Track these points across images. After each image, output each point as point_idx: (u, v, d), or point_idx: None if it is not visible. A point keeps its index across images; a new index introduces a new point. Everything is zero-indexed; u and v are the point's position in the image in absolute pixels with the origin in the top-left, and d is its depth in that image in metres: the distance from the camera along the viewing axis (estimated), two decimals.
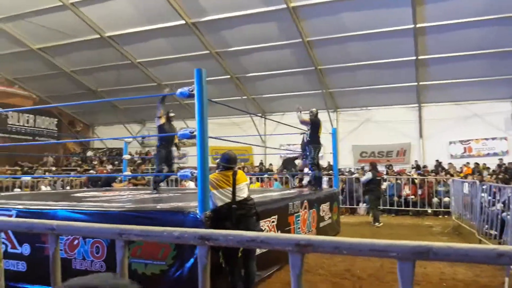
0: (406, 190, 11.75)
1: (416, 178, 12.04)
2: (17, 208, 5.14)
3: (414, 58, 13.22)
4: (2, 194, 8.85)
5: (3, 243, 4.91)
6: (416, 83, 14.57)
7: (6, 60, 16.24)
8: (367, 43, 12.98)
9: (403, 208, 11.58)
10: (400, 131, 15.81)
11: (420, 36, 12.34)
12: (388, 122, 15.79)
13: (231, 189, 4.26)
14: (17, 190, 11.95)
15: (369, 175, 10.32)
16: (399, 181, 12.07)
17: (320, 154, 8.57)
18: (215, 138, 6.83)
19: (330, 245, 1.06)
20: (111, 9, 12.82)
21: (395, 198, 11.70)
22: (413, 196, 11.57)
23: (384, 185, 12.17)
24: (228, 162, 4.45)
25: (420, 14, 11.50)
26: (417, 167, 14.52)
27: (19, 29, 14.45)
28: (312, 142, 8.13)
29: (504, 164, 13.82)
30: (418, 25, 11.81)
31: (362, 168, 13.20)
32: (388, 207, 11.73)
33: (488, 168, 13.80)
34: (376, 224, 9.89)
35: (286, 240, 1.10)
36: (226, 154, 4.53)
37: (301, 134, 8.85)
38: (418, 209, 11.40)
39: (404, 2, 11.09)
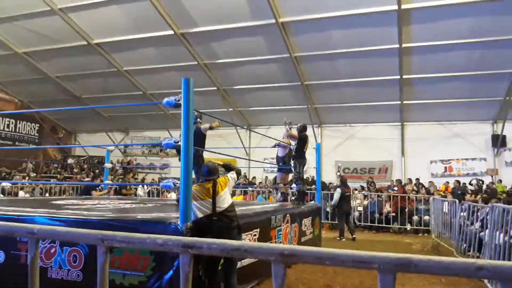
0: (387, 207, 11.85)
1: (397, 196, 12.15)
2: None
3: (398, 77, 13.47)
4: None
5: None
6: (399, 102, 14.83)
7: None
8: (353, 60, 13.19)
9: (384, 225, 11.68)
10: (383, 149, 16.03)
11: (405, 56, 12.59)
12: (371, 139, 16.00)
13: (211, 200, 4.25)
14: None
15: (338, 191, 10.54)
16: (380, 198, 12.19)
17: (304, 169, 8.63)
18: (199, 148, 6.80)
19: (314, 255, 1.06)
20: (100, 16, 12.78)
21: (376, 215, 11.79)
22: (393, 214, 11.69)
23: (366, 202, 12.30)
24: (209, 173, 4.44)
25: (406, 34, 11.75)
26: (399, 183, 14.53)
27: (5, 32, 14.26)
28: (298, 156, 8.19)
29: (481, 181, 14.05)
30: (403, 45, 12.06)
31: (339, 177, 13.18)
32: (369, 224, 11.83)
33: (466, 186, 14.00)
34: (340, 238, 10.13)
35: (270, 250, 1.10)
36: (205, 165, 4.55)
37: (272, 147, 8.85)
38: (399, 226, 11.51)
39: (390, 22, 11.31)
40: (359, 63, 13.23)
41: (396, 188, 12.89)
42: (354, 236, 10.21)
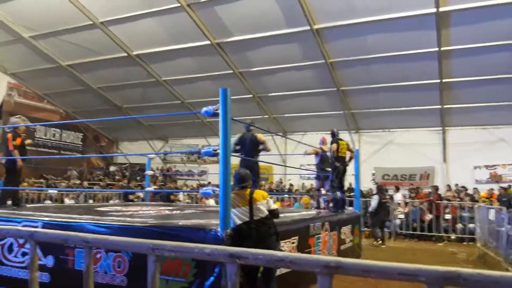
0: (429, 215, 11.51)
1: (435, 202, 11.77)
2: (43, 220, 5.26)
3: (438, 81, 13.10)
4: (28, 205, 9.07)
5: (27, 253, 5.07)
6: (440, 106, 14.39)
7: (36, 75, 16.90)
8: (390, 65, 12.96)
9: (426, 233, 11.35)
10: (424, 154, 15.55)
11: (445, 59, 12.25)
12: (411, 144, 15.57)
13: (248, 208, 4.27)
14: (47, 202, 12.23)
15: (375, 198, 10.62)
16: (421, 206, 11.86)
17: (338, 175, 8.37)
18: (237, 156, 6.90)
19: (359, 268, 1.07)
20: (139, 28, 13.21)
21: (417, 223, 11.48)
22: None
23: (407, 210, 12.02)
24: (241, 181, 4.45)
25: (445, 37, 11.44)
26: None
27: (51, 46, 15.01)
28: (334, 163, 8.06)
29: None
30: (443, 48, 11.74)
31: (376, 184, 12.82)
32: (410, 232, 11.52)
33: None
34: (377, 242, 10.25)
35: (315, 261, 1.12)
36: (237, 173, 4.52)
37: (304, 155, 8.79)
38: (442, 234, 11.14)
39: (429, 25, 11.06)
40: (396, 67, 12.97)
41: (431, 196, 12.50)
42: (384, 244, 10.33)
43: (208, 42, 13.12)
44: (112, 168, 20.94)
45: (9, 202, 7.24)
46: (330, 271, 1.10)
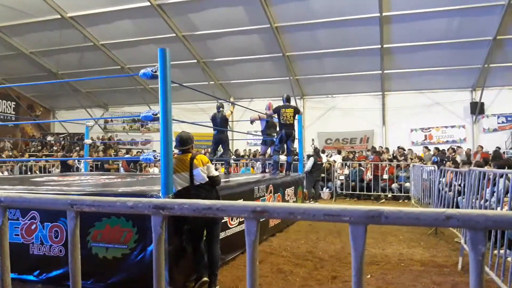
0: (368, 175, 12.04)
1: (377, 163, 12.31)
2: None
3: (379, 46, 13.46)
4: None
5: None
6: (380, 72, 14.87)
7: None
8: (334, 30, 13.10)
9: (365, 192, 11.90)
10: (364, 119, 16.17)
11: (385, 25, 12.56)
12: (352, 109, 16.10)
13: (188, 173, 4.20)
14: None
15: (311, 160, 11.15)
16: (361, 167, 12.36)
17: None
18: (179, 122, 6.74)
19: (285, 210, 1.06)
20: None
21: (357, 183, 12.00)
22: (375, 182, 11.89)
23: (347, 171, 12.50)
24: (181, 143, 4.35)
25: (386, 3, 11.69)
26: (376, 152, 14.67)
27: None
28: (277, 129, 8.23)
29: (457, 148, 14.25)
30: (384, 14, 12.00)
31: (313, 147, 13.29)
32: (350, 192, 12.04)
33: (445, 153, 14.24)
34: (311, 201, 10.71)
35: (242, 207, 1.09)
36: (178, 135, 4.39)
37: (251, 122, 8.86)
38: (380, 193, 11.73)
39: None
40: (340, 32, 13.14)
41: (372, 157, 13.06)
42: (317, 202, 10.86)
43: (148, 3, 12.51)
44: (49, 138, 19.85)
45: None
46: (257, 215, 1.08)
